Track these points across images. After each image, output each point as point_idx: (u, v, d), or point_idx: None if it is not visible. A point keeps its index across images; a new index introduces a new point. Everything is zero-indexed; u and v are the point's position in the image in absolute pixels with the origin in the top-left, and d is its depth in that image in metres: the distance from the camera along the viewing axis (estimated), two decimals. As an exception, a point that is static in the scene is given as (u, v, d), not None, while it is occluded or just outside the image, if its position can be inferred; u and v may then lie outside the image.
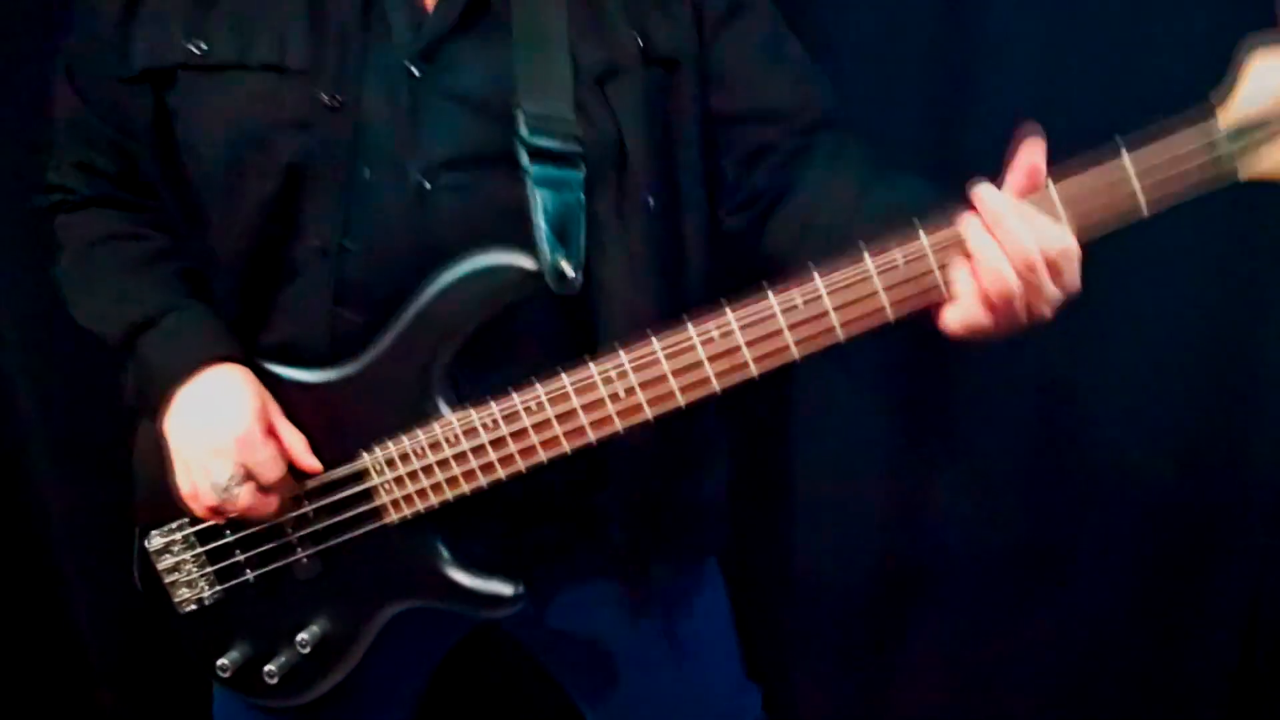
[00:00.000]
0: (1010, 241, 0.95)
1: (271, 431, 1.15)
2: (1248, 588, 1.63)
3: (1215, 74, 0.96)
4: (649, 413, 1.09)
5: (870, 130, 1.40)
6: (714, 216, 1.25)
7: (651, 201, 1.16)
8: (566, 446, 1.11)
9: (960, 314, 0.99)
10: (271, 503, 1.15)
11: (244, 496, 1.13)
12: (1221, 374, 1.52)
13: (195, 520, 1.21)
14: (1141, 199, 0.95)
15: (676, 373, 1.07)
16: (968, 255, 0.97)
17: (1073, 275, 0.97)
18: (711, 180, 1.25)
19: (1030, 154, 0.97)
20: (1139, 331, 1.49)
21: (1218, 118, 0.93)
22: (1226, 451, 1.56)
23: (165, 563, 1.24)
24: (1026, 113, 1.38)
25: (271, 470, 1.13)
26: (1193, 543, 1.62)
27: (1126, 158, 0.94)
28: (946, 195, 1.10)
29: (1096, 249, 0.98)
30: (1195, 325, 1.49)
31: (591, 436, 1.10)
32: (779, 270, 1.20)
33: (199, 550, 1.23)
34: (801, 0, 1.41)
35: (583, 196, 1.12)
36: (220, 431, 1.13)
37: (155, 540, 1.24)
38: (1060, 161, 0.97)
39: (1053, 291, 0.96)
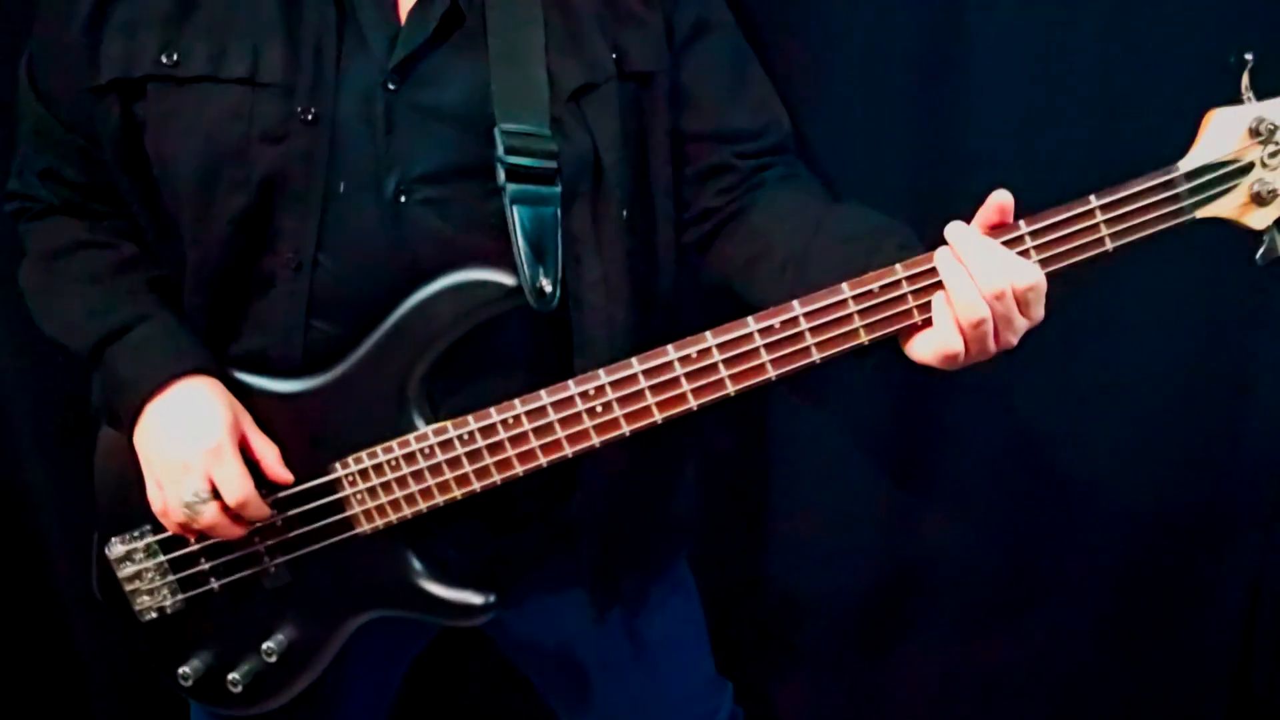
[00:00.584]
0: (979, 272, 0.99)
1: (243, 444, 1.14)
2: (1246, 591, 1.67)
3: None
4: (626, 428, 1.11)
5: (858, 149, 1.44)
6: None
7: (626, 215, 1.17)
8: (543, 460, 1.13)
9: (934, 340, 1.03)
10: (237, 524, 1.15)
11: (208, 513, 1.12)
12: (1216, 374, 1.55)
13: (158, 528, 1.20)
14: (1106, 233, 1.00)
15: (654, 389, 1.09)
16: (941, 285, 1.02)
17: (1038, 306, 1.02)
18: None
19: (1000, 195, 1.01)
20: (1131, 331, 1.51)
21: (1178, 164, 0.99)
22: (1222, 453, 1.60)
23: (126, 570, 1.23)
24: (1015, 127, 1.44)
25: (238, 486, 1.12)
26: (1189, 546, 1.65)
27: (1093, 196, 0.99)
28: (903, 225, 1.14)
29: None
30: (1189, 325, 1.52)
31: (568, 450, 1.12)
32: (724, 292, 1.24)
33: (162, 559, 1.22)
34: (790, 16, 1.44)
35: (558, 212, 1.13)
36: (189, 446, 1.12)
37: (116, 548, 1.22)
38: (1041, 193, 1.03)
39: (1020, 321, 1.01)
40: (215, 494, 1.12)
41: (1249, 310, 1.49)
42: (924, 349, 1.05)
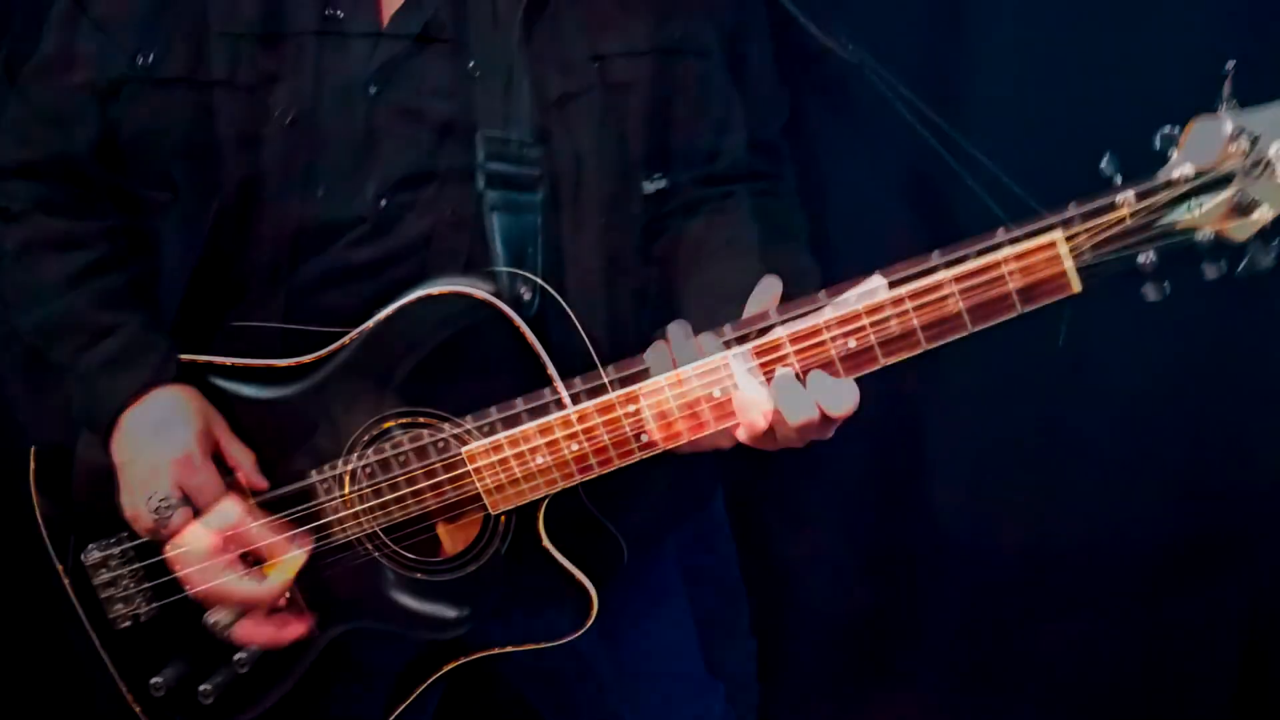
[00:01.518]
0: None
1: (219, 450, 1.14)
2: (1247, 596, 1.66)
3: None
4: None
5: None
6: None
7: (605, 220, 1.17)
8: (517, 470, 1.11)
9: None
10: (208, 532, 1.14)
11: (177, 520, 1.12)
12: (1220, 379, 1.56)
13: (135, 535, 1.19)
14: (1086, 246, 0.98)
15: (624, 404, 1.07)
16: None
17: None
18: None
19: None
20: (1138, 335, 1.51)
21: (1157, 174, 0.97)
22: (1225, 457, 1.60)
23: (101, 577, 1.22)
24: (1015, 137, 1.45)
25: (208, 494, 1.12)
26: (1192, 551, 1.65)
27: (1072, 204, 0.97)
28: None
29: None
30: (1194, 329, 1.52)
31: (549, 464, 1.11)
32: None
33: (137, 565, 1.21)
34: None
35: (539, 219, 1.13)
36: (161, 454, 1.12)
37: (93, 554, 1.22)
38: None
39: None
40: (187, 501, 1.12)
41: (1254, 315, 1.49)
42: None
